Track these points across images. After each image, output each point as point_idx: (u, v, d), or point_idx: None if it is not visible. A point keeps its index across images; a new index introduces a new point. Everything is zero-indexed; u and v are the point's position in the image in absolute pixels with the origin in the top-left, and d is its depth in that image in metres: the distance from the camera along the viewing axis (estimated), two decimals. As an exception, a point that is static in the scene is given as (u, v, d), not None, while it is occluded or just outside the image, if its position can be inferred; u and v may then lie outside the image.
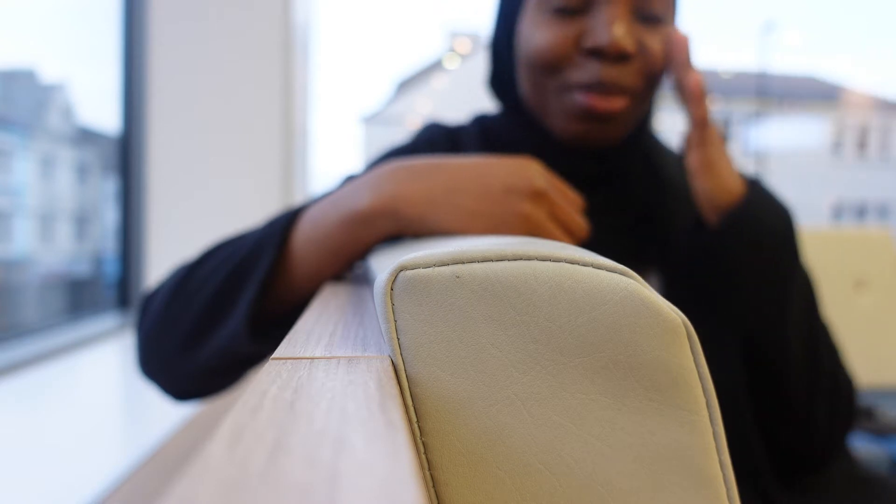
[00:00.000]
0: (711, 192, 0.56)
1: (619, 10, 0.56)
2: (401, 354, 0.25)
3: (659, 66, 0.58)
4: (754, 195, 0.56)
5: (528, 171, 0.48)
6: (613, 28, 0.55)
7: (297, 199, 3.24)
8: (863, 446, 0.90)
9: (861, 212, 21.17)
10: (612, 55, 0.55)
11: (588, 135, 0.60)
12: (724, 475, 0.24)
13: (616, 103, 0.57)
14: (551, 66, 0.58)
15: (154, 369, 0.57)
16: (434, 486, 0.24)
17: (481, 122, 0.68)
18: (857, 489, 0.62)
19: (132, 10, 2.81)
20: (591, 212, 0.57)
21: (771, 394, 0.56)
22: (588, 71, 0.57)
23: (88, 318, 2.60)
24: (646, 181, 0.65)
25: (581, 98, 0.57)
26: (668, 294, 0.59)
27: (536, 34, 0.59)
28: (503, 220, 0.47)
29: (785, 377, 0.55)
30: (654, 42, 0.57)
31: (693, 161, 0.57)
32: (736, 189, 0.56)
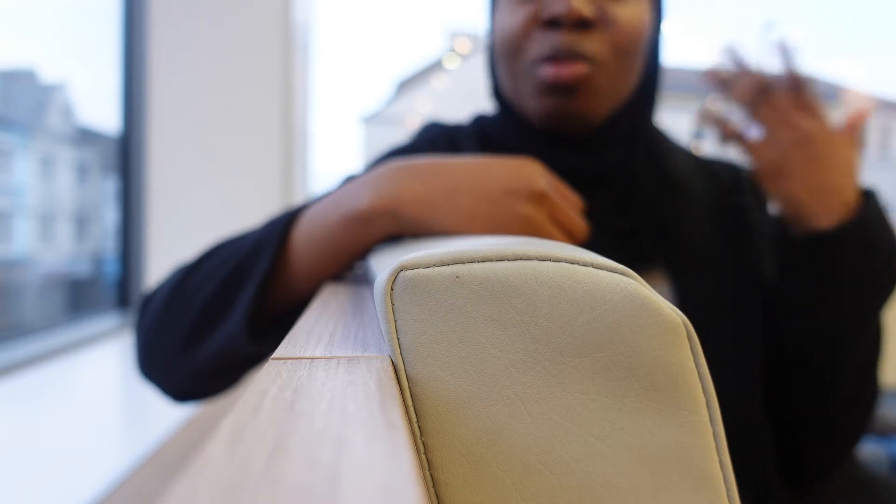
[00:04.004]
0: (806, 193, 0.55)
1: None
2: (401, 354, 0.25)
3: (629, 36, 0.57)
4: (873, 204, 0.55)
5: (528, 172, 0.48)
6: None
7: (297, 199, 3.24)
8: (864, 447, 0.90)
9: (861, 212, 21.11)
10: (570, 23, 0.55)
11: (558, 109, 0.58)
12: (724, 475, 0.24)
13: (574, 68, 0.56)
14: (514, 46, 0.58)
15: (153, 370, 0.57)
16: (434, 486, 0.24)
17: (479, 122, 0.68)
18: (858, 491, 0.62)
19: (132, 10, 2.81)
20: (592, 213, 0.57)
21: (809, 399, 0.57)
22: (547, 42, 0.56)
23: (88, 318, 2.60)
24: (650, 179, 0.63)
25: (541, 70, 0.57)
26: (682, 297, 0.58)
27: (501, 20, 0.59)
28: (503, 222, 0.47)
29: (834, 386, 0.56)
30: (621, 11, 0.56)
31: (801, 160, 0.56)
32: (851, 196, 0.54)
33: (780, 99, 0.58)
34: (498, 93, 0.65)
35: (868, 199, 0.56)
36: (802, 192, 0.56)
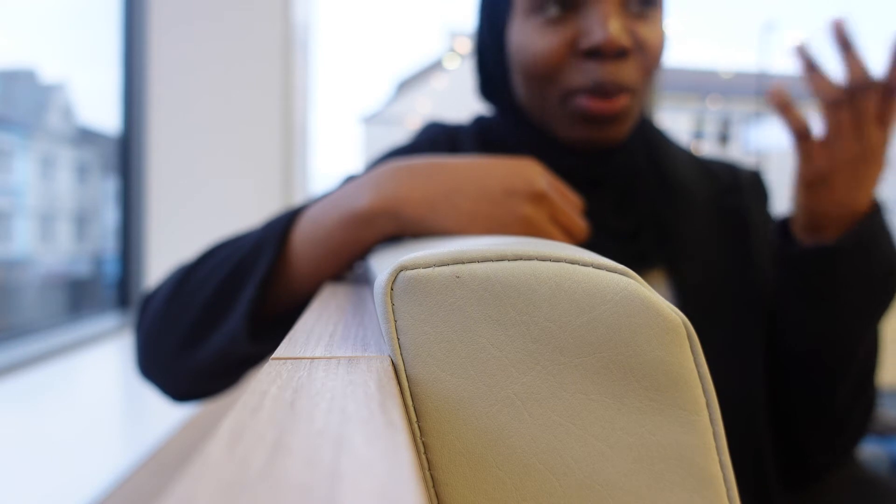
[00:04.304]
0: (833, 206, 0.54)
1: (611, 5, 0.54)
2: (401, 354, 0.25)
3: (657, 58, 0.57)
4: (876, 220, 0.54)
5: (528, 172, 0.48)
6: (608, 25, 0.53)
7: (297, 199, 3.24)
8: (864, 447, 0.90)
9: (861, 212, 21.08)
10: (611, 53, 0.54)
11: (592, 138, 0.58)
12: (724, 475, 0.24)
13: (618, 103, 0.56)
14: (549, 74, 0.57)
15: (153, 370, 0.57)
16: (434, 486, 0.24)
17: (480, 122, 0.68)
18: (858, 491, 0.62)
19: (132, 11, 2.81)
20: (592, 213, 0.57)
21: (813, 400, 0.57)
22: (587, 73, 0.55)
23: (88, 318, 2.60)
24: (650, 179, 0.63)
25: (583, 102, 0.56)
26: (682, 298, 0.58)
27: (529, 42, 0.57)
28: (503, 222, 0.47)
29: (838, 389, 0.56)
30: (648, 33, 0.56)
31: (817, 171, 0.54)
32: (861, 205, 0.53)
33: (868, 106, 0.52)
34: (494, 95, 0.65)
35: (872, 213, 0.55)
36: (832, 207, 0.54)
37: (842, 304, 0.54)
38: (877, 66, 0.53)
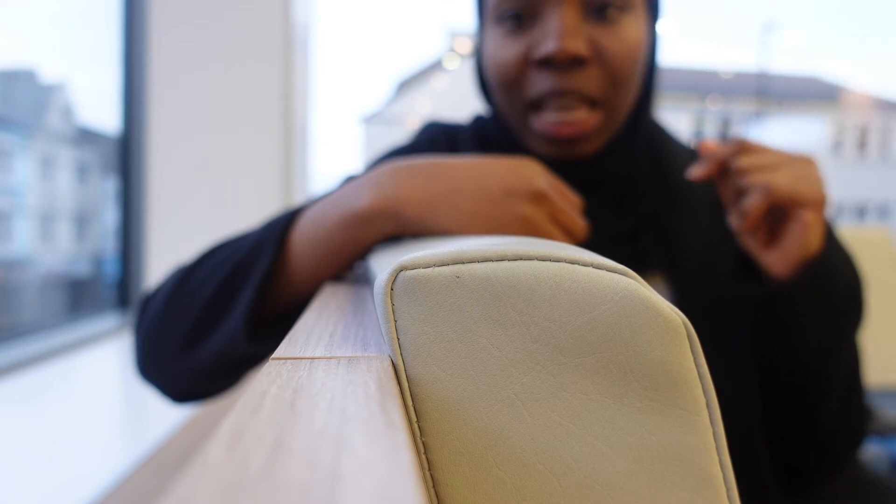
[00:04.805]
0: (789, 246, 0.52)
1: (567, 13, 0.53)
2: (401, 354, 0.25)
3: (624, 64, 0.55)
4: (830, 247, 0.53)
5: (528, 172, 0.48)
6: (561, 34, 0.53)
7: (297, 199, 3.24)
8: (863, 447, 0.90)
9: (861, 212, 21.15)
10: (564, 62, 0.53)
11: (559, 155, 0.58)
12: (724, 475, 0.24)
13: (584, 124, 0.55)
14: (507, 84, 0.57)
15: (152, 371, 0.57)
16: (434, 486, 0.24)
17: (479, 122, 0.68)
18: (858, 491, 0.62)
19: (132, 11, 2.81)
20: (592, 214, 0.57)
21: (798, 422, 0.56)
22: (542, 83, 0.55)
23: (88, 318, 2.60)
24: (651, 180, 0.63)
25: (544, 126, 0.56)
26: (681, 300, 0.57)
27: (492, 51, 0.57)
28: (503, 222, 0.47)
29: (820, 410, 0.55)
30: (610, 40, 0.54)
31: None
32: (815, 242, 0.52)
33: (744, 158, 0.53)
34: (488, 97, 0.65)
35: (825, 246, 0.53)
36: (781, 256, 0.53)
37: (808, 335, 0.53)
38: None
